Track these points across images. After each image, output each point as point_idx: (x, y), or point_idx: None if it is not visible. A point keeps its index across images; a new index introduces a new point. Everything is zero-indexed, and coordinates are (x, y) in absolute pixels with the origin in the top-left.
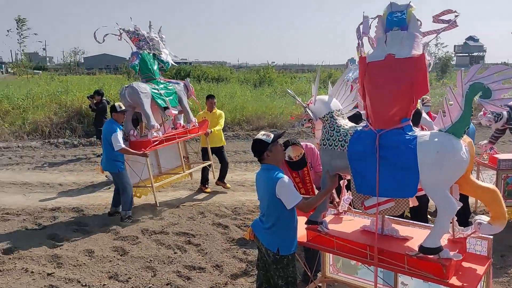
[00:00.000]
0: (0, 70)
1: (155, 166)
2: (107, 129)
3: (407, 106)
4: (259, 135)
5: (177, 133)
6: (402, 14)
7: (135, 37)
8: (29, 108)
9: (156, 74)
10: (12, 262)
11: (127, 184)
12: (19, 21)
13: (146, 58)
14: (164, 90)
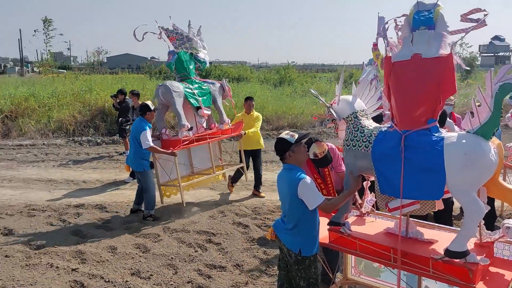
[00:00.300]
0: (26, 70)
1: (188, 166)
2: (136, 127)
3: (434, 107)
4: (283, 134)
5: (209, 133)
6: (429, 13)
7: (173, 36)
8: (54, 106)
9: (191, 74)
10: (38, 257)
11: (151, 183)
12: (46, 21)
13: (182, 57)
14: (198, 89)
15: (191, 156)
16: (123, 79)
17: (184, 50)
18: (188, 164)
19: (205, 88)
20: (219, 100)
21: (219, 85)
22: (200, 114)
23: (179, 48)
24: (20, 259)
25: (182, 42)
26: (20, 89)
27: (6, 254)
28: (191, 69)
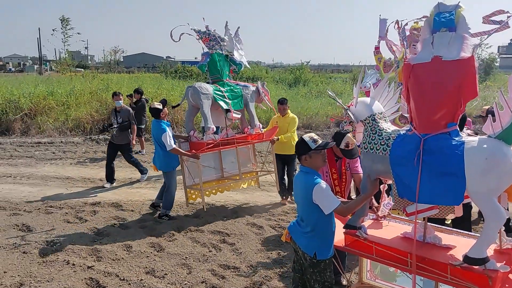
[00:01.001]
0: (45, 68)
1: (218, 170)
2: (156, 130)
3: (454, 110)
4: (307, 136)
5: (237, 138)
6: (451, 14)
7: (205, 37)
8: (72, 105)
9: (224, 76)
10: (55, 254)
11: (173, 184)
12: (63, 21)
13: (216, 59)
14: (229, 92)
15: (221, 159)
16: (139, 78)
17: (219, 51)
18: (218, 168)
19: (236, 90)
20: (252, 103)
21: (254, 88)
22: (229, 117)
23: (213, 50)
24: (37, 256)
25: (216, 43)
26: (39, 88)
27: (24, 250)
28: (224, 71)
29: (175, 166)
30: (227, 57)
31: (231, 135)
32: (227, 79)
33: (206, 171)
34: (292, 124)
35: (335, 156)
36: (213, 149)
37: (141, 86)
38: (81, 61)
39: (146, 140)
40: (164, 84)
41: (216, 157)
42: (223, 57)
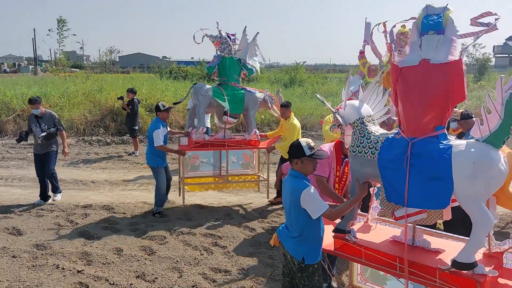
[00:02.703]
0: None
1: (216, 168)
2: (151, 126)
3: (442, 114)
4: (304, 140)
5: (227, 140)
6: (439, 17)
7: (217, 41)
8: (65, 106)
9: (230, 79)
10: (44, 258)
11: (161, 181)
12: (60, 21)
13: (226, 62)
14: (230, 96)
15: (221, 158)
16: (134, 79)
17: (231, 55)
18: (218, 166)
19: (239, 95)
20: (253, 110)
21: (260, 95)
22: (224, 120)
23: (224, 53)
24: (27, 260)
25: (226, 46)
26: (33, 89)
27: (13, 254)
28: (231, 74)
29: (160, 164)
30: (240, 61)
31: (228, 137)
32: (233, 83)
33: (204, 167)
34: (290, 131)
35: (343, 154)
36: (201, 149)
37: (135, 86)
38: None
39: (140, 141)
40: (158, 85)
41: (216, 156)
42: (235, 61)
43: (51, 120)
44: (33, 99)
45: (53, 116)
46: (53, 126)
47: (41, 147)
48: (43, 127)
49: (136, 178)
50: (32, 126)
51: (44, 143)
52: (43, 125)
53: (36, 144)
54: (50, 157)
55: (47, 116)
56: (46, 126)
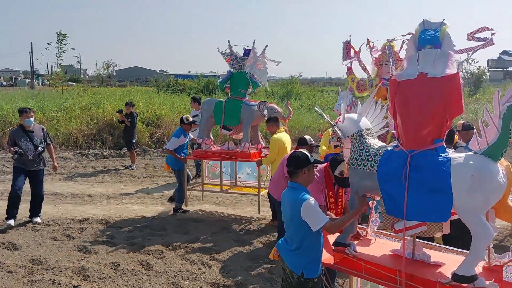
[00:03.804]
0: (37, 82)
1: (233, 176)
2: (174, 133)
3: (440, 127)
4: (303, 150)
5: (221, 151)
6: (436, 32)
7: (228, 58)
8: (63, 119)
9: (234, 93)
10: (40, 273)
11: (182, 181)
12: (60, 35)
13: (236, 77)
14: (227, 109)
15: (236, 168)
16: (131, 92)
17: (241, 70)
18: (233, 175)
19: (235, 107)
20: (248, 122)
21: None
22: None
23: (234, 69)
24: (22, 275)
25: (236, 62)
26: (30, 103)
27: (9, 269)
28: (237, 88)
29: (182, 166)
30: (247, 75)
31: (230, 149)
32: (235, 96)
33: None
34: (270, 147)
35: (332, 179)
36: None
37: (133, 99)
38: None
39: (137, 155)
40: (156, 98)
41: (232, 166)
42: (243, 75)
43: (41, 133)
44: (25, 109)
45: (42, 129)
46: (44, 140)
47: (31, 162)
48: (35, 142)
49: (133, 192)
50: (21, 141)
51: (36, 158)
52: (35, 139)
53: (24, 159)
54: (41, 176)
55: (38, 130)
56: (38, 140)
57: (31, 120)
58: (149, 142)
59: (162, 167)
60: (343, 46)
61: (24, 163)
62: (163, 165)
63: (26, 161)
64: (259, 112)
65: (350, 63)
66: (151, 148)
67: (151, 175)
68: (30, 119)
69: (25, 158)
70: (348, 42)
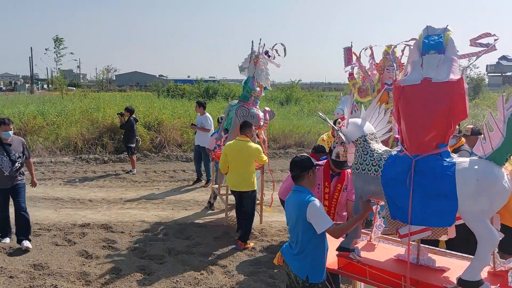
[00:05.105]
0: (36, 87)
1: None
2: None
3: (445, 131)
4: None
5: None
6: (439, 37)
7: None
8: (63, 124)
9: (240, 96)
10: (42, 278)
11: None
12: (57, 40)
13: (246, 81)
14: (229, 113)
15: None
16: (131, 97)
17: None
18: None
19: (232, 111)
20: (233, 126)
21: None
22: None
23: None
24: (24, 280)
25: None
26: (30, 107)
27: (10, 275)
28: (243, 92)
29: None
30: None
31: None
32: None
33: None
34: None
35: (332, 171)
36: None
37: (132, 104)
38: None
39: (137, 159)
40: (156, 103)
41: None
42: (249, 79)
43: (20, 147)
44: (3, 119)
45: (22, 143)
46: (22, 155)
47: (8, 179)
48: (12, 156)
49: (134, 197)
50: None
51: (13, 174)
52: (13, 153)
53: (2, 175)
54: (21, 190)
55: (16, 143)
56: (16, 155)
57: (9, 133)
58: (150, 147)
59: (163, 172)
60: (344, 52)
61: (1, 182)
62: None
63: (2, 178)
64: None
65: (351, 68)
66: (152, 153)
67: (151, 179)
68: (9, 131)
69: (0, 174)
70: (349, 49)
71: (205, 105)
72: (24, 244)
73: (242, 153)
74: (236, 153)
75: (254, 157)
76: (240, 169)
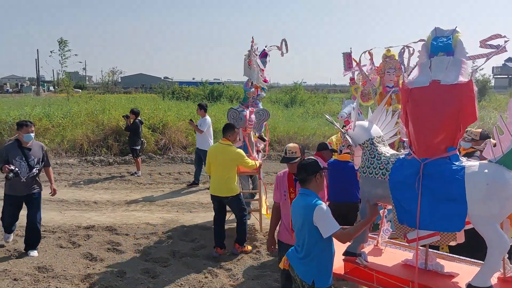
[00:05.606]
0: (42, 89)
1: None
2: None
3: (454, 135)
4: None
5: None
6: (448, 39)
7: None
8: (68, 126)
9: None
10: (46, 281)
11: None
12: (61, 42)
13: None
14: None
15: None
16: (136, 99)
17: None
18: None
19: None
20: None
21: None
22: None
23: None
24: (28, 283)
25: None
26: (36, 109)
27: (14, 277)
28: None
29: None
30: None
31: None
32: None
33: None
34: None
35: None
36: None
37: (137, 106)
38: (79, 82)
39: (142, 161)
40: (161, 105)
41: None
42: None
43: (40, 152)
44: (26, 122)
45: (42, 148)
46: (41, 161)
47: (25, 187)
48: (31, 162)
49: (139, 199)
50: (15, 159)
51: (30, 181)
52: (32, 158)
53: (15, 182)
54: (37, 200)
55: (36, 148)
56: (35, 160)
57: (31, 136)
58: (154, 149)
59: (168, 174)
60: (343, 57)
61: (15, 189)
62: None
63: (19, 184)
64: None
65: (352, 73)
66: (157, 155)
67: (156, 181)
68: (31, 134)
69: (17, 179)
70: (349, 54)
71: (206, 108)
72: (30, 254)
73: (221, 156)
74: (216, 156)
75: (235, 162)
76: (219, 173)
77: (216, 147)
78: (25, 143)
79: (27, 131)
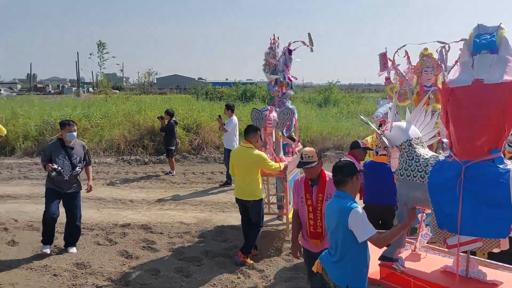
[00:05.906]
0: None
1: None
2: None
3: (498, 136)
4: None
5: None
6: (492, 36)
7: None
8: (106, 126)
9: None
10: (84, 277)
11: None
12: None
13: None
14: None
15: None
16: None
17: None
18: None
19: None
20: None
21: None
22: None
23: None
24: (67, 279)
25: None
26: (76, 110)
27: (54, 273)
28: None
29: None
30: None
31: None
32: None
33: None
34: None
35: (310, 180)
36: None
37: (172, 107)
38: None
39: (176, 161)
40: (195, 105)
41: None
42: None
43: (82, 151)
44: (68, 121)
45: (83, 147)
46: (83, 160)
47: (67, 184)
48: (73, 160)
49: (173, 198)
50: (58, 158)
51: (72, 179)
52: (74, 157)
53: (58, 180)
54: (78, 199)
55: (78, 147)
56: (78, 159)
57: (73, 135)
58: (188, 149)
59: (201, 173)
60: (379, 58)
61: (58, 185)
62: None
63: (61, 182)
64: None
65: (387, 73)
66: (190, 155)
67: (190, 181)
68: (73, 133)
69: (60, 178)
70: (384, 54)
71: (233, 108)
72: (69, 250)
73: (243, 160)
74: (238, 159)
75: (257, 164)
76: (241, 176)
77: (238, 151)
78: (68, 142)
79: (69, 130)
